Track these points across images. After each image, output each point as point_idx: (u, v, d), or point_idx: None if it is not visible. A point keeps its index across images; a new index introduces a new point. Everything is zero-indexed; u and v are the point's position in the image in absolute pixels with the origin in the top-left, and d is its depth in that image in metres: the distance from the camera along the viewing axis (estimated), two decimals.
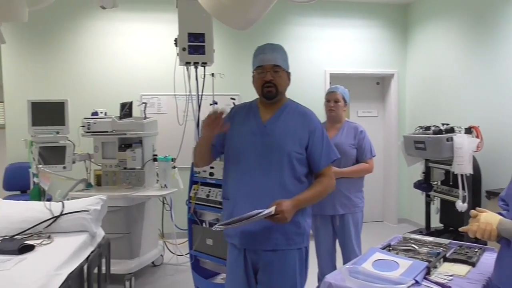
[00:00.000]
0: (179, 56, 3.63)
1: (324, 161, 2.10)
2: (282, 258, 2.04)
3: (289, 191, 2.01)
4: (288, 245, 2.05)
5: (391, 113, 6.08)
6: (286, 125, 2.09)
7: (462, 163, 3.49)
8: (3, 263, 2.05)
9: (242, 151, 2.08)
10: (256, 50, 2.14)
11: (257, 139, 2.07)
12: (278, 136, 2.06)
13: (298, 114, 2.14)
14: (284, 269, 2.05)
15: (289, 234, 2.04)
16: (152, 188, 4.11)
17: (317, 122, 2.14)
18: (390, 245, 2.14)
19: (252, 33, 5.29)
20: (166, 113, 5.19)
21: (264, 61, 2.07)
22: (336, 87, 3.17)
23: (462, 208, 3.52)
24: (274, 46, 2.13)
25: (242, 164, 2.07)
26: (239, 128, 2.13)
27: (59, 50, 5.15)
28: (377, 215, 6.21)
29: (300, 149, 2.06)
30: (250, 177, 2.04)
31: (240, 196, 2.07)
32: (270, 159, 2.03)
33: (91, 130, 4.00)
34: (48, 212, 2.61)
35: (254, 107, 2.18)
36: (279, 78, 2.09)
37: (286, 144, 2.04)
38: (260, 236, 2.02)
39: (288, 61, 2.16)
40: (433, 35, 5.41)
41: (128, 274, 3.73)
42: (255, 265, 2.08)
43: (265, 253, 2.04)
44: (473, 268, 1.85)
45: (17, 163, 5.03)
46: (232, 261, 2.15)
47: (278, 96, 2.11)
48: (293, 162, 2.04)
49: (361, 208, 3.10)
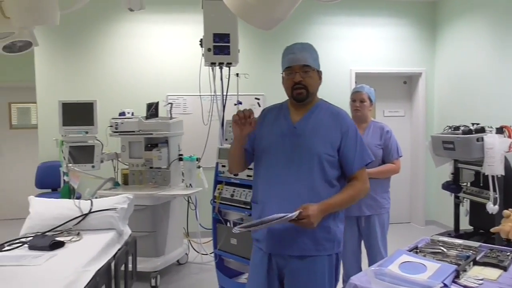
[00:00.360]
0: (204, 57, 3.66)
1: (358, 164, 2.01)
2: (311, 265, 1.96)
3: (319, 194, 1.93)
4: (317, 251, 1.96)
5: (419, 113, 5.96)
6: (317, 126, 2.01)
7: (493, 164, 3.39)
8: (35, 258, 2.12)
9: (271, 153, 2.03)
10: (285, 50, 2.07)
11: (286, 140, 2.01)
12: (308, 137, 1.99)
13: (330, 114, 2.05)
14: (313, 277, 1.96)
15: (318, 240, 1.96)
16: (178, 187, 4.16)
17: (350, 123, 2.05)
18: (417, 247, 2.10)
19: (277, 33, 5.28)
20: (192, 113, 5.24)
21: (293, 61, 1.99)
22: (361, 86, 3.14)
23: (493, 210, 3.42)
24: (303, 45, 2.04)
25: (271, 166, 2.02)
26: (270, 129, 2.07)
27: (88, 52, 5.28)
28: (404, 216, 6.10)
29: (332, 151, 1.98)
30: (280, 180, 1.98)
31: (268, 198, 2.00)
32: (300, 161, 1.97)
33: (119, 130, 4.07)
34: (78, 209, 2.68)
35: (284, 108, 2.12)
36: (309, 78, 2.00)
37: (317, 146, 1.97)
38: (288, 241, 1.95)
39: (318, 60, 2.07)
40: (462, 33, 5.27)
41: (153, 272, 3.79)
42: (280, 270, 2.01)
43: (292, 259, 1.97)
44: (504, 272, 1.79)
45: (49, 162, 5.17)
46: (256, 263, 2.08)
47: (309, 97, 2.03)
48: (324, 165, 1.96)
49: (387, 209, 3.06)
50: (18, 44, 2.43)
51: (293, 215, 1.80)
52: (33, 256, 2.15)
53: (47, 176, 5.16)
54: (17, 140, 6.48)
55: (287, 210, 1.83)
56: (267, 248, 2.01)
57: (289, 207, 1.86)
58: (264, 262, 2.02)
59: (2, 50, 2.39)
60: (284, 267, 2.00)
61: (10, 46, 2.40)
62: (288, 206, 1.87)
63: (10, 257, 2.15)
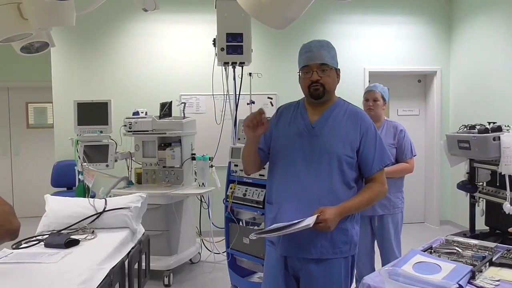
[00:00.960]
0: (217, 56, 3.66)
1: (377, 165, 1.97)
2: (328, 268, 1.93)
3: (338, 196, 1.90)
4: (334, 254, 1.93)
5: (433, 112, 5.89)
6: (337, 126, 1.96)
7: (510, 163, 3.34)
8: (51, 256, 2.15)
9: (288, 153, 1.98)
10: (302, 48, 2.01)
11: (304, 141, 1.96)
12: (328, 137, 1.94)
13: (349, 114, 1.99)
14: (329, 280, 1.93)
15: (336, 242, 1.92)
16: (190, 186, 4.18)
17: (370, 123, 1.99)
18: (432, 248, 2.07)
19: (290, 32, 5.29)
20: (204, 113, 5.26)
21: (310, 59, 1.94)
22: (374, 85, 3.12)
23: (509, 210, 3.37)
24: (320, 43, 1.98)
25: (288, 166, 1.97)
26: (286, 128, 2.02)
27: (103, 52, 5.34)
28: (418, 216, 6.04)
29: (351, 153, 1.94)
30: (297, 180, 1.93)
31: (285, 199, 1.96)
32: (319, 162, 1.92)
33: (132, 129, 4.10)
34: (92, 208, 2.70)
35: (301, 107, 2.06)
36: (327, 77, 1.95)
37: (336, 147, 1.92)
38: (305, 243, 1.90)
39: (336, 58, 2.01)
40: (478, 30, 5.20)
41: (166, 271, 3.81)
42: (296, 272, 1.98)
43: (309, 262, 1.93)
44: None
45: (64, 161, 5.25)
46: (272, 264, 2.03)
47: (326, 95, 1.98)
48: (343, 166, 1.92)
49: (401, 209, 3.04)
50: (35, 45, 2.47)
51: (311, 221, 1.76)
52: (49, 253, 2.18)
53: (63, 175, 5.24)
54: (33, 140, 6.59)
55: (305, 212, 1.82)
56: (283, 251, 1.97)
57: (307, 209, 1.84)
58: (280, 263, 1.98)
59: (20, 51, 2.43)
60: (300, 270, 1.96)
61: (27, 47, 2.44)
62: (306, 208, 1.85)
63: (27, 254, 2.19)
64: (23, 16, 2.14)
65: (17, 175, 6.60)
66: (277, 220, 1.92)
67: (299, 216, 1.82)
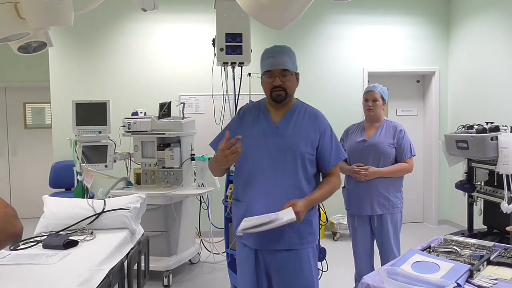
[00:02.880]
0: (216, 57, 3.66)
1: (334, 161, 2.15)
2: (297, 257, 2.07)
3: (303, 191, 2.06)
4: (301, 244, 2.08)
5: (432, 112, 5.90)
6: (298, 126, 2.12)
7: (507, 163, 3.35)
8: (49, 257, 2.14)
9: (255, 153, 2.09)
10: (264, 53, 2.13)
11: (269, 140, 2.09)
12: (291, 137, 2.09)
13: (308, 115, 2.16)
14: (300, 269, 2.08)
15: (302, 233, 2.08)
16: (190, 187, 4.17)
17: (326, 123, 2.18)
18: (430, 247, 2.08)
19: (289, 32, 5.30)
20: (204, 113, 5.25)
21: (273, 65, 2.07)
22: (374, 85, 3.12)
23: (507, 210, 3.38)
24: (283, 49, 2.12)
25: (254, 165, 2.09)
26: (250, 129, 2.14)
27: (102, 52, 5.33)
28: (416, 216, 6.05)
29: (312, 150, 2.10)
30: (264, 178, 2.06)
31: (254, 197, 2.08)
32: (284, 160, 2.06)
33: (131, 129, 4.09)
34: (91, 209, 2.70)
35: (263, 108, 2.19)
36: (288, 82, 2.09)
37: (300, 146, 2.08)
38: (275, 236, 2.03)
39: (296, 62, 2.15)
40: (476, 31, 5.21)
41: (166, 271, 3.81)
42: (267, 265, 2.10)
43: (280, 253, 2.06)
44: None
45: (63, 162, 5.24)
46: (243, 258, 2.16)
47: (288, 99, 2.13)
48: (306, 163, 2.08)
49: (400, 209, 3.04)
50: (33, 45, 2.46)
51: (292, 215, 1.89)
52: (47, 255, 2.17)
53: (61, 175, 5.23)
54: (31, 140, 6.58)
55: (273, 207, 1.95)
56: (254, 244, 2.09)
57: (275, 205, 1.97)
58: (251, 257, 2.11)
59: (18, 50, 2.42)
60: (272, 262, 2.09)
61: (25, 46, 2.43)
62: (274, 204, 1.99)
63: (25, 255, 2.18)
64: (20, 16, 2.13)
65: (14, 176, 6.59)
66: (246, 216, 2.01)
67: (267, 211, 1.95)
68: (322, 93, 5.54)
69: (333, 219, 5.29)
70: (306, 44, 5.55)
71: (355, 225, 3.08)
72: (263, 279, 2.11)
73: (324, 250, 3.44)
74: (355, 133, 3.14)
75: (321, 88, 5.57)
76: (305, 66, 5.47)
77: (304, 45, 5.53)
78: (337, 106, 5.53)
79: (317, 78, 5.56)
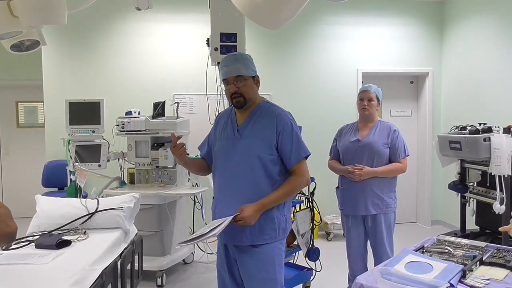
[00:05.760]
0: (211, 56, 3.66)
1: (294, 159, 2.17)
2: (260, 252, 2.15)
3: (262, 190, 2.12)
4: (264, 240, 2.15)
5: (425, 113, 5.94)
6: (256, 127, 2.18)
7: (500, 164, 3.37)
8: (42, 257, 2.13)
9: (222, 155, 2.23)
10: (220, 62, 2.23)
11: (230, 143, 2.21)
12: (248, 139, 2.17)
13: (268, 115, 2.20)
14: (262, 263, 2.15)
15: (264, 230, 2.14)
16: (184, 186, 4.17)
17: (286, 121, 2.18)
18: (424, 247, 2.09)
19: (284, 33, 5.31)
20: (198, 113, 5.24)
21: (227, 73, 2.16)
22: (369, 86, 3.13)
23: (499, 210, 3.40)
24: (235, 56, 2.21)
25: (222, 166, 2.23)
26: (220, 133, 2.28)
27: (95, 51, 5.30)
28: (410, 216, 6.08)
29: (270, 150, 2.15)
30: (227, 179, 2.20)
31: (221, 195, 2.24)
32: (242, 161, 2.15)
33: (125, 129, 4.08)
34: (84, 208, 2.69)
35: (232, 112, 2.30)
36: (244, 87, 2.17)
37: (255, 147, 2.15)
38: (238, 232, 2.11)
39: (252, 66, 2.22)
40: (470, 33, 5.24)
41: (159, 271, 3.80)
42: (236, 258, 2.21)
43: (244, 248, 2.16)
44: (511, 272, 1.79)
45: (56, 161, 5.20)
46: (218, 251, 2.31)
47: (248, 103, 2.20)
48: (266, 163, 2.14)
49: (393, 209, 3.05)
50: (26, 43, 2.45)
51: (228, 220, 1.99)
52: (39, 254, 2.16)
53: (54, 175, 5.19)
54: (24, 139, 6.53)
55: (234, 205, 2.08)
56: (222, 239, 2.23)
57: (235, 203, 2.10)
58: (222, 250, 2.27)
59: (10, 49, 2.41)
60: (237, 255, 2.20)
61: (18, 45, 2.42)
62: (234, 202, 2.11)
63: (17, 255, 2.17)
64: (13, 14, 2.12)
65: (7, 175, 6.53)
66: (215, 214, 2.24)
67: (230, 208, 2.09)
68: (316, 94, 5.55)
69: (327, 219, 5.30)
70: (301, 44, 5.55)
71: (349, 225, 3.09)
72: (235, 273, 2.24)
73: (318, 250, 3.47)
74: (349, 133, 3.15)
75: (315, 89, 5.57)
76: (299, 66, 5.48)
77: (298, 45, 5.53)
78: (331, 106, 5.55)
79: (311, 79, 5.57)
